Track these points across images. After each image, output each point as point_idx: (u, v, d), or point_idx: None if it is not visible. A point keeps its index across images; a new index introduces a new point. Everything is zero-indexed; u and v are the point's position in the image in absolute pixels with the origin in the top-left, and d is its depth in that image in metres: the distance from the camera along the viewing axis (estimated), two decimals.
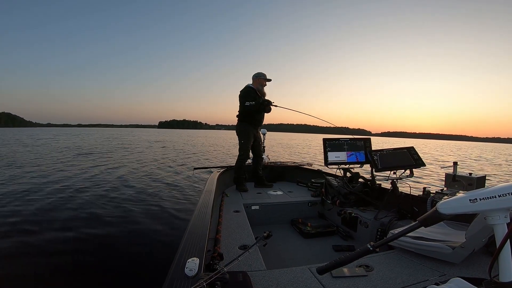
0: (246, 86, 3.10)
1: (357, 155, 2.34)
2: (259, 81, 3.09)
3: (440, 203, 0.69)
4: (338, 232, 2.18)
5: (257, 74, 3.10)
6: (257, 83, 3.09)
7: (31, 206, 3.94)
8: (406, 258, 1.28)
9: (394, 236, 0.75)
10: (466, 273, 1.11)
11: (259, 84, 3.09)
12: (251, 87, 3.08)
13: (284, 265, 1.25)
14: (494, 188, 0.62)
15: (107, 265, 2.39)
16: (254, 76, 3.12)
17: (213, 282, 0.79)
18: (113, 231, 3.14)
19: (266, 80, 3.12)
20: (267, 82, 3.14)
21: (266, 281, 1.08)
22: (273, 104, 3.04)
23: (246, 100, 2.94)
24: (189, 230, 1.25)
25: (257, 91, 3.07)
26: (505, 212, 0.62)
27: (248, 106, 2.93)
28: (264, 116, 3.22)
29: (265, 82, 3.12)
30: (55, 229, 3.14)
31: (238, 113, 3.12)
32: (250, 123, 3.08)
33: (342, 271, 1.13)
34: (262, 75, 3.10)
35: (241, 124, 3.11)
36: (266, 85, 3.13)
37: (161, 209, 3.96)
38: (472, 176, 1.72)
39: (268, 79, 3.12)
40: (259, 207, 2.44)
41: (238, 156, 3.06)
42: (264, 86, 3.12)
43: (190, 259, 0.93)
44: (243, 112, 3.07)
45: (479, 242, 1.10)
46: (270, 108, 3.13)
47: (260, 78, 3.09)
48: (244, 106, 2.95)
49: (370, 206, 2.16)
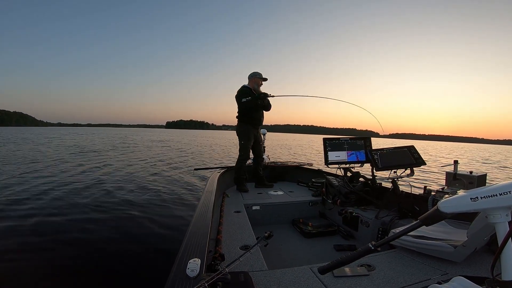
0: (242, 86, 3.12)
1: (357, 155, 2.34)
2: (255, 80, 3.07)
3: (441, 201, 0.68)
4: (339, 232, 2.18)
5: (253, 74, 3.09)
6: (253, 82, 3.08)
7: (29, 205, 3.95)
8: (407, 257, 1.28)
9: (396, 235, 0.75)
10: (468, 272, 1.11)
11: (255, 83, 3.07)
12: (247, 87, 3.09)
13: (285, 265, 1.24)
14: (495, 186, 0.62)
15: (108, 266, 2.39)
16: (250, 75, 3.11)
17: (215, 282, 0.79)
18: (114, 232, 3.14)
19: (262, 80, 3.09)
20: (263, 82, 3.12)
21: (268, 281, 1.08)
22: (270, 95, 3.02)
23: (242, 97, 2.95)
24: (190, 231, 1.25)
25: (252, 90, 3.07)
26: (506, 210, 0.62)
27: (245, 102, 2.93)
28: (263, 115, 3.22)
29: (261, 82, 3.10)
30: (54, 230, 3.14)
31: (238, 114, 3.13)
32: (250, 123, 3.09)
33: (344, 270, 1.13)
34: (258, 74, 3.08)
35: (240, 124, 3.11)
36: (262, 84, 3.12)
37: (162, 210, 3.96)
38: (473, 174, 1.72)
39: (264, 79, 3.10)
40: (260, 207, 2.44)
41: (239, 156, 3.07)
42: (260, 86, 3.10)
43: (191, 260, 0.93)
44: (242, 111, 3.07)
45: (480, 241, 1.10)
46: (269, 102, 3.13)
47: (255, 77, 3.07)
48: (241, 103, 2.95)
49: (371, 206, 2.16)
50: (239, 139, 3.09)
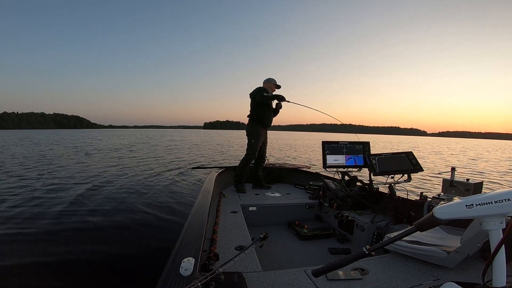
0: (258, 87, 3.26)
1: (355, 159, 2.35)
2: (269, 85, 3.24)
3: (437, 208, 0.69)
4: (335, 235, 2.18)
5: (268, 79, 3.26)
6: (267, 86, 3.23)
7: (28, 204, 3.92)
8: (401, 262, 1.28)
9: (390, 240, 0.75)
10: (460, 278, 1.12)
11: (269, 88, 3.23)
12: (264, 88, 3.23)
13: (279, 267, 1.25)
14: (490, 194, 0.63)
15: (101, 264, 2.37)
16: (265, 80, 3.28)
17: (208, 282, 0.79)
18: (108, 229, 3.12)
19: (276, 86, 3.26)
20: (276, 89, 3.28)
21: (261, 283, 1.08)
22: (286, 99, 3.15)
23: (263, 92, 3.08)
24: (186, 230, 1.25)
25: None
26: (500, 218, 0.62)
27: (266, 96, 3.05)
28: (272, 117, 3.33)
29: (274, 88, 3.27)
30: (47, 225, 3.13)
31: (250, 113, 3.23)
32: (261, 122, 3.18)
33: (338, 274, 1.13)
34: (273, 80, 3.26)
35: (252, 123, 3.20)
36: (275, 90, 3.27)
37: (158, 208, 3.94)
38: (469, 182, 1.73)
39: (278, 86, 3.27)
40: (257, 208, 2.44)
41: (245, 154, 3.13)
42: (273, 92, 3.25)
43: (185, 259, 0.92)
44: (255, 110, 3.17)
45: (474, 247, 1.11)
46: (281, 106, 3.29)
47: (270, 82, 3.24)
48: (263, 97, 3.05)
49: (367, 210, 2.16)
50: (249, 138, 3.17)
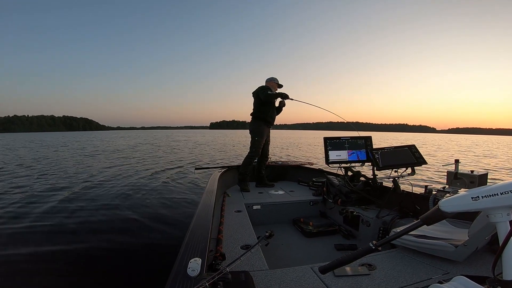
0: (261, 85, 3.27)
1: (358, 154, 2.34)
2: (271, 84, 3.26)
3: (442, 201, 0.68)
4: (340, 231, 2.18)
5: (270, 78, 3.28)
6: (270, 85, 3.25)
7: (31, 205, 3.96)
8: (408, 257, 1.28)
9: (397, 234, 0.75)
10: (469, 271, 1.11)
11: (271, 86, 3.24)
12: (266, 86, 3.24)
13: (286, 265, 1.25)
14: (496, 185, 0.62)
15: (109, 266, 2.40)
16: (268, 79, 3.30)
17: (216, 282, 0.79)
18: (115, 231, 3.14)
19: (278, 85, 3.28)
20: (278, 88, 3.29)
21: (269, 281, 1.08)
22: (290, 98, 3.15)
23: (267, 90, 3.09)
24: (191, 231, 1.25)
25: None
26: (507, 209, 0.61)
27: (270, 94, 3.07)
28: (275, 115, 3.34)
29: (277, 87, 3.29)
30: (55, 229, 3.15)
31: (253, 111, 3.24)
32: (265, 120, 3.18)
33: (345, 270, 1.13)
34: (275, 79, 3.27)
35: (255, 121, 3.21)
36: (277, 89, 3.28)
37: (163, 209, 3.96)
38: (474, 173, 1.71)
39: (280, 85, 3.29)
40: (261, 207, 2.44)
41: (249, 152, 3.14)
42: (275, 90, 3.26)
43: (192, 260, 0.93)
44: (259, 108, 3.18)
45: (482, 240, 1.10)
46: (284, 104, 3.31)
47: (273, 81, 3.27)
48: (267, 95, 3.06)
49: (372, 205, 2.15)
50: (252, 136, 3.17)
